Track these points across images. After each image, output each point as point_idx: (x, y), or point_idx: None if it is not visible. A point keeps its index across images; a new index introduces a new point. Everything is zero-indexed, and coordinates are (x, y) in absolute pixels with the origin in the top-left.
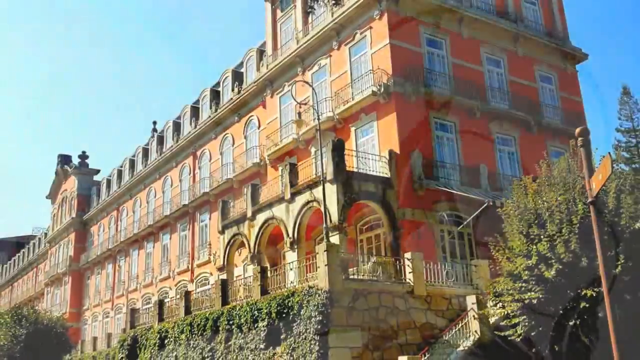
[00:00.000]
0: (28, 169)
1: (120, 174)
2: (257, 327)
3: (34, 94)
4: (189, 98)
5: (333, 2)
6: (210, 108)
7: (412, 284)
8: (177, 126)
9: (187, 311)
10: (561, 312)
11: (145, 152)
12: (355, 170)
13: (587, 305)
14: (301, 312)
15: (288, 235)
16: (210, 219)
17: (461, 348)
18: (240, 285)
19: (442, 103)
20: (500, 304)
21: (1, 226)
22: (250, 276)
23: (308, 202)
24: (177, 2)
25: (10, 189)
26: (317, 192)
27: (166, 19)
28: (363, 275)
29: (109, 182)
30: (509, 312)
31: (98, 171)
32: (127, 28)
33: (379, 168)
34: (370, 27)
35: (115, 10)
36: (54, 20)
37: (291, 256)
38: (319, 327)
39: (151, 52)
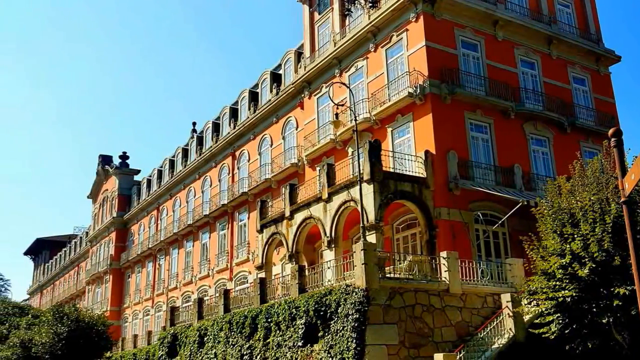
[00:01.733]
0: (69, 169)
1: (160, 174)
2: (295, 324)
3: (75, 94)
4: (228, 99)
5: (370, 4)
6: (249, 109)
7: (447, 282)
8: (216, 127)
9: (226, 309)
10: (594, 310)
11: (185, 152)
12: (392, 170)
13: (620, 303)
14: (338, 310)
15: (325, 234)
16: (248, 218)
17: (496, 346)
18: (278, 284)
19: (477, 104)
20: (535, 302)
21: (43, 226)
22: (288, 275)
23: (345, 202)
24: (216, 4)
25: (52, 189)
26: (354, 192)
27: (205, 20)
28: (399, 274)
29: (149, 182)
30: (543, 310)
31: (138, 171)
32: (167, 28)
33: (415, 168)
34: (407, 30)
35: (155, 11)
36: (95, 21)
37: (328, 255)
38: (356, 324)
39: (191, 53)
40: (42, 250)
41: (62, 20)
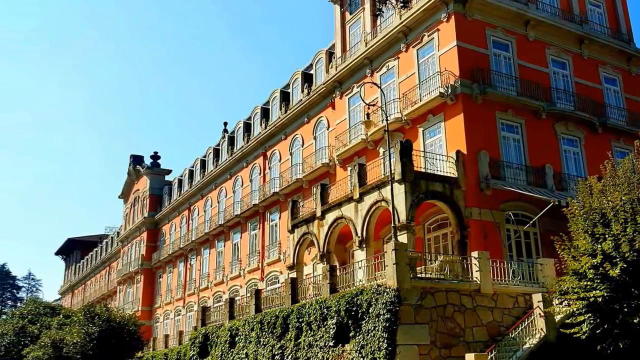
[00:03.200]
0: (101, 169)
1: (191, 174)
2: (326, 324)
3: (107, 94)
4: (259, 99)
5: (401, 4)
6: (280, 109)
7: (479, 282)
8: (247, 127)
9: (258, 309)
10: (626, 310)
11: (216, 152)
12: (423, 170)
13: None
14: (370, 310)
15: (357, 234)
16: (280, 218)
17: (527, 346)
18: (309, 284)
19: (508, 104)
20: (566, 302)
21: (75, 226)
22: (319, 275)
23: (376, 202)
24: (247, 4)
25: (83, 189)
26: (386, 191)
27: (237, 20)
28: (431, 274)
29: (180, 182)
30: (574, 310)
31: (170, 171)
32: (198, 28)
33: (446, 168)
34: (438, 30)
35: (186, 11)
36: (125, 20)
37: (360, 255)
38: (387, 324)
39: (222, 54)
40: (74, 250)
41: (94, 20)
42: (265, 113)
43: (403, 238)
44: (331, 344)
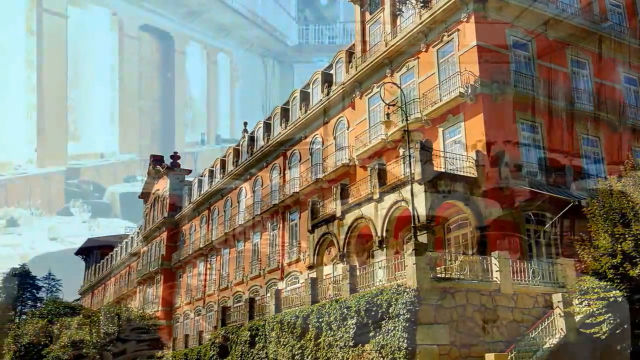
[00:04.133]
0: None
1: (211, 174)
2: (346, 324)
3: (127, 94)
4: (279, 99)
5: (421, 4)
6: (300, 109)
7: (498, 282)
8: (267, 127)
9: (277, 309)
10: None
11: (236, 152)
12: (443, 170)
13: None
14: (389, 310)
15: (377, 234)
16: (299, 218)
17: (547, 345)
18: (329, 284)
19: (527, 104)
20: (586, 302)
21: (95, 226)
22: (339, 275)
23: (396, 202)
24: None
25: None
26: (406, 192)
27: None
28: (450, 274)
29: (200, 182)
30: (594, 310)
31: (189, 171)
32: (216, 29)
33: (466, 168)
34: (458, 30)
35: (206, 11)
36: (138, 19)
37: (380, 255)
38: (407, 324)
39: (240, 52)
40: (94, 250)
41: (113, 20)
42: (285, 113)
43: (423, 238)
44: (351, 344)
